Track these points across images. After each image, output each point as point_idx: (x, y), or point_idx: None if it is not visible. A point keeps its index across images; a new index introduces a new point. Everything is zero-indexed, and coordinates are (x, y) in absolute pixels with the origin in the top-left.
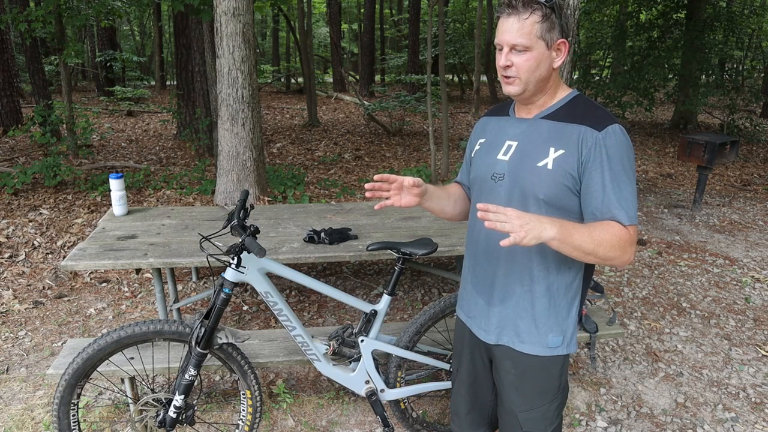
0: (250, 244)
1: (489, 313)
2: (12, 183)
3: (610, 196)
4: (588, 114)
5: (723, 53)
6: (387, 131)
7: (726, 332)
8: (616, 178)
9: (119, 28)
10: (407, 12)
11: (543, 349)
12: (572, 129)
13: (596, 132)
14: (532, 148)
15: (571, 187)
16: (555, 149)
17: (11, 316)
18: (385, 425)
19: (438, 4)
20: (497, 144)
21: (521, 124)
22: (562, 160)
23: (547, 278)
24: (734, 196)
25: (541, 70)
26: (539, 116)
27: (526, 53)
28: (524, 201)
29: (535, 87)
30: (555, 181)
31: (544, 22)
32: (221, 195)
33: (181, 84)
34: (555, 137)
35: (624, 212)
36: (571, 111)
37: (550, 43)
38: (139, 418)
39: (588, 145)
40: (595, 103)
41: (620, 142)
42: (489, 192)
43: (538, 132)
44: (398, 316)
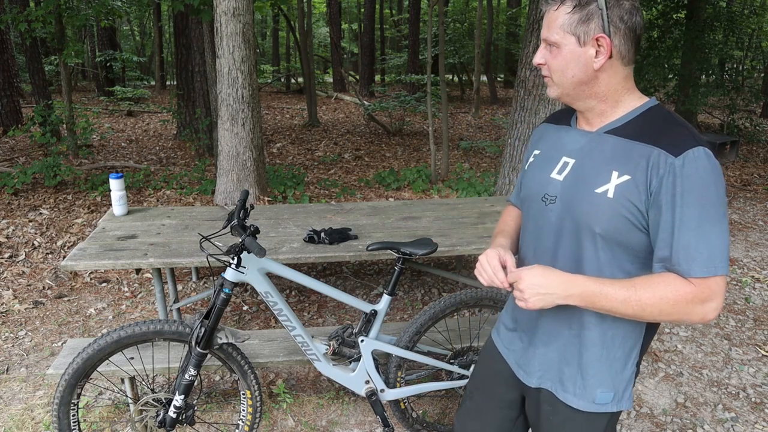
0: (250, 244)
1: (530, 354)
2: (12, 183)
3: (681, 241)
4: (664, 132)
5: (723, 53)
6: (387, 131)
7: (726, 332)
8: (696, 217)
9: (119, 28)
10: (407, 12)
11: (589, 404)
12: (642, 150)
13: (671, 157)
14: (590, 170)
15: (635, 222)
16: (619, 174)
17: (11, 316)
18: (385, 425)
19: (438, 4)
20: (553, 159)
21: (582, 138)
22: (626, 188)
23: (601, 325)
24: (734, 196)
25: (573, 70)
26: (603, 130)
27: (555, 49)
28: (577, 234)
29: (575, 92)
30: (615, 213)
31: (575, 13)
32: (221, 195)
33: (181, 84)
34: (620, 158)
35: (698, 261)
36: (643, 126)
37: (584, 39)
38: (139, 418)
39: (660, 172)
40: (677, 118)
41: (703, 170)
42: (538, 215)
43: (600, 150)
44: (398, 316)
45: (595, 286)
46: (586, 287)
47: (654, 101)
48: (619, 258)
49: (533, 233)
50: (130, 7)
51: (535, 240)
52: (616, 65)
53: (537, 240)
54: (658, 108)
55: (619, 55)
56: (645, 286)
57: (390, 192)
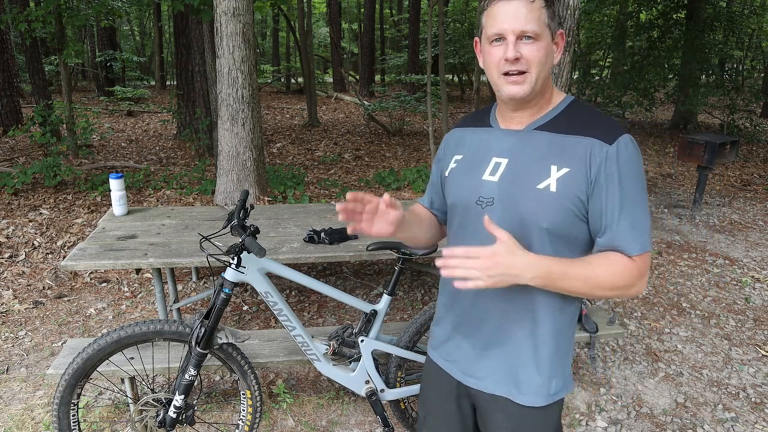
0: (250, 244)
1: (479, 358)
2: (12, 183)
3: (622, 223)
4: (594, 123)
5: (723, 53)
6: (387, 131)
7: (726, 332)
8: (631, 200)
9: (119, 28)
10: (407, 12)
11: (546, 398)
12: (577, 142)
13: (606, 145)
14: (528, 167)
15: (578, 213)
16: (558, 167)
17: (11, 316)
18: (385, 425)
19: (438, 4)
20: (481, 161)
21: (510, 138)
22: (568, 181)
23: (554, 319)
24: (734, 196)
25: (548, 65)
26: (532, 127)
27: (536, 42)
28: (525, 231)
29: (541, 87)
30: (560, 206)
31: (549, 8)
32: (221, 195)
33: (181, 84)
34: (556, 153)
35: (637, 240)
36: (571, 120)
37: (554, 34)
38: (139, 418)
39: (597, 161)
40: (597, 109)
41: (633, 156)
42: (475, 220)
43: (534, 146)
44: (398, 316)
45: (557, 267)
46: (550, 267)
47: (571, 96)
48: (562, 251)
49: (471, 239)
50: (130, 7)
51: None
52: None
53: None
54: (578, 102)
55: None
56: (600, 264)
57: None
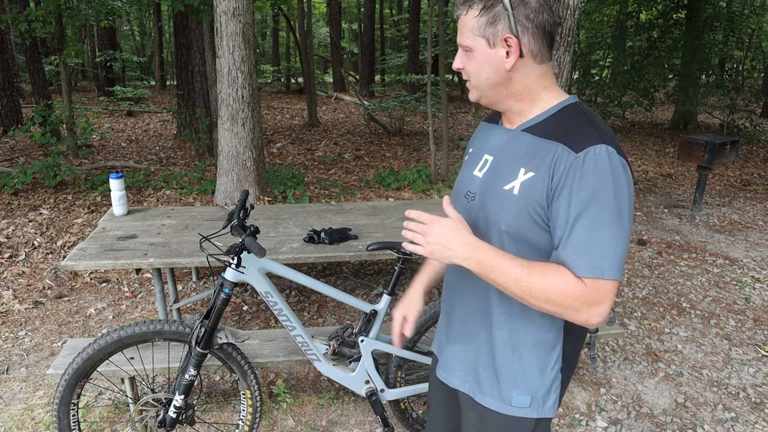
0: (250, 244)
1: (451, 351)
2: (12, 183)
3: (573, 238)
4: (571, 130)
5: (723, 53)
6: (387, 131)
7: (726, 332)
8: (589, 215)
9: (119, 28)
10: (407, 12)
11: (505, 406)
12: (548, 147)
13: (572, 153)
14: (503, 167)
15: (537, 219)
16: (525, 171)
17: (11, 316)
18: (385, 425)
19: (438, 4)
20: (477, 156)
21: (503, 136)
22: (530, 185)
23: (509, 324)
24: (734, 196)
25: (487, 73)
26: (520, 128)
27: (468, 53)
28: (487, 231)
29: (492, 93)
30: (519, 210)
31: (482, 16)
32: (221, 195)
33: (181, 84)
34: (529, 156)
35: (588, 261)
36: (555, 124)
37: (493, 41)
38: (139, 418)
39: (561, 169)
40: (590, 116)
41: (602, 168)
42: (463, 213)
43: (515, 147)
44: None
45: (494, 258)
46: (486, 255)
47: (572, 99)
48: (525, 255)
49: None
50: (130, 7)
51: None
52: (529, 64)
53: None
54: (573, 106)
55: (530, 54)
56: (539, 272)
57: (390, 192)
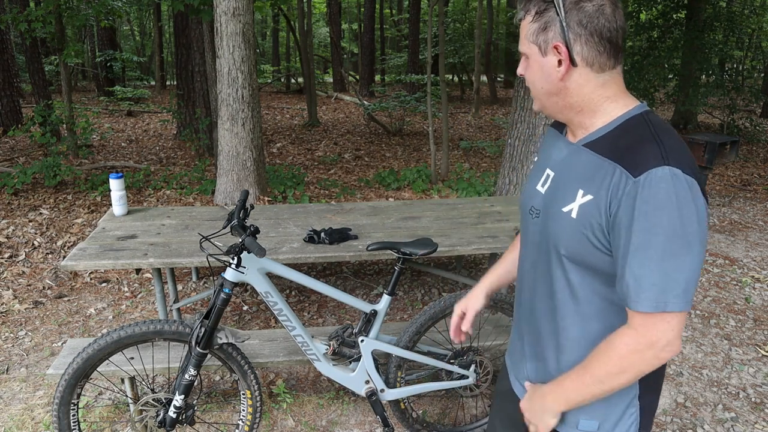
0: (250, 244)
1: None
2: (12, 183)
3: (635, 269)
4: (631, 148)
5: (723, 53)
6: (387, 131)
7: (726, 332)
8: (652, 245)
9: (119, 28)
10: (407, 12)
11: (571, 429)
12: (607, 168)
13: (631, 177)
14: (563, 186)
15: (598, 245)
16: (584, 193)
17: (11, 316)
18: (385, 425)
19: (438, 4)
20: (541, 169)
21: (565, 150)
22: (588, 209)
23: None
24: (734, 196)
25: (541, 82)
26: (581, 143)
27: (526, 61)
28: (548, 253)
29: (549, 103)
30: (578, 235)
31: (535, 22)
32: (221, 195)
33: (181, 84)
34: (588, 176)
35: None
36: (616, 140)
37: (545, 48)
38: (139, 418)
39: (618, 194)
40: (656, 129)
41: (665, 193)
42: (526, 228)
43: (575, 164)
44: (398, 316)
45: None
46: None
47: (639, 109)
48: (590, 280)
49: (524, 247)
50: (130, 7)
51: (525, 255)
52: (586, 73)
53: (526, 255)
54: (638, 118)
55: (585, 62)
56: (594, 360)
57: (390, 192)
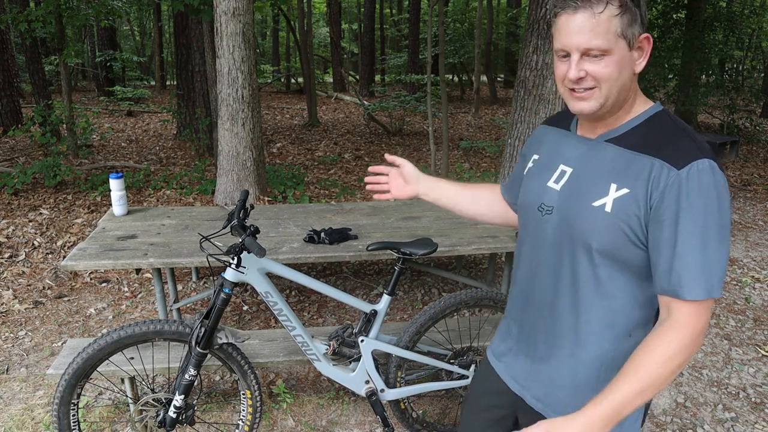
0: (250, 244)
1: (524, 364)
2: (12, 183)
3: (683, 260)
4: (668, 142)
5: (723, 53)
6: (387, 131)
7: (726, 332)
8: (700, 236)
9: (119, 28)
10: (407, 12)
11: None
12: (643, 162)
13: (674, 170)
14: (588, 181)
15: (634, 239)
16: (617, 187)
17: (11, 316)
18: (385, 425)
19: (438, 4)
20: (550, 166)
21: (581, 146)
22: (625, 203)
23: (599, 344)
24: (734, 196)
25: (623, 78)
26: (603, 138)
27: (604, 58)
28: (573, 249)
29: (615, 101)
30: (614, 228)
31: (623, 15)
32: (221, 195)
33: (181, 84)
34: (619, 170)
35: (700, 283)
36: (646, 135)
37: (633, 41)
38: (139, 418)
39: (661, 186)
40: (683, 126)
41: (707, 184)
42: (535, 226)
43: (599, 159)
44: (398, 316)
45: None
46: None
47: (658, 106)
48: (618, 275)
49: (531, 245)
50: (130, 7)
51: (534, 253)
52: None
53: (536, 253)
54: (663, 114)
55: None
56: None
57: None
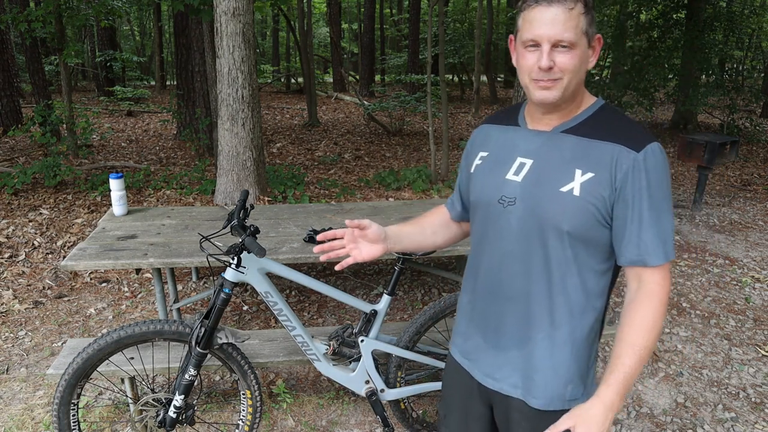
0: (250, 244)
1: (496, 357)
2: (12, 183)
3: (648, 232)
4: (622, 130)
5: (723, 53)
6: (387, 131)
7: (726, 332)
8: (657, 208)
9: (119, 28)
10: (407, 12)
11: (561, 402)
12: (604, 148)
13: (634, 152)
14: (552, 169)
15: (600, 219)
16: (582, 172)
17: (11, 316)
18: (385, 425)
19: (438, 4)
20: (505, 160)
21: (536, 138)
22: (591, 185)
23: (571, 322)
24: (734, 196)
25: (581, 71)
26: (559, 129)
27: (571, 51)
28: (542, 234)
29: (573, 92)
30: (582, 210)
31: (587, 14)
32: (221, 195)
33: (181, 84)
34: (581, 157)
35: (662, 250)
36: (599, 125)
37: (591, 40)
38: (139, 418)
39: (623, 168)
40: (625, 115)
41: (660, 164)
42: (496, 219)
43: (560, 149)
44: (398, 316)
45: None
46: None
47: (601, 100)
48: (585, 254)
49: (494, 238)
50: (130, 7)
51: (498, 245)
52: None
53: (500, 245)
54: (607, 107)
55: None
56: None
57: (390, 192)
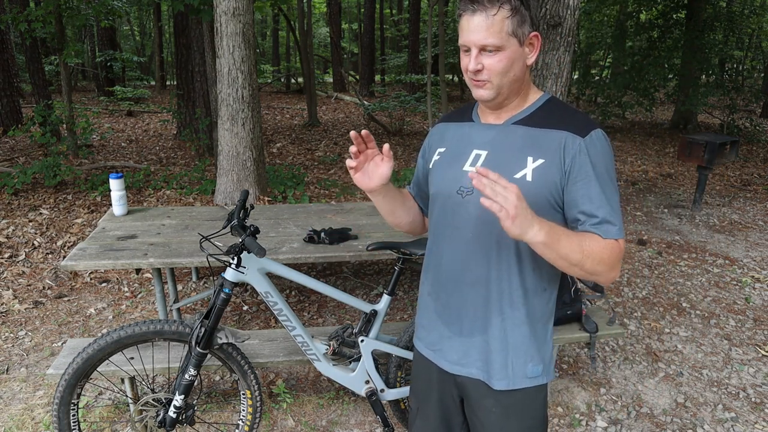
0: (250, 244)
1: (461, 344)
2: (12, 183)
3: (600, 211)
4: (568, 118)
5: (723, 53)
6: (387, 131)
7: (726, 332)
8: (604, 188)
9: (119, 28)
10: (407, 12)
11: (522, 380)
12: (552, 135)
13: (579, 138)
14: (506, 158)
15: (553, 202)
16: (534, 159)
17: (11, 316)
18: (385, 425)
19: (438, 4)
20: (462, 153)
21: (490, 131)
22: (543, 171)
23: (527, 303)
24: (734, 196)
25: (515, 70)
26: (510, 122)
27: (497, 54)
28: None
29: (509, 89)
30: (536, 195)
31: (514, 17)
32: (221, 195)
33: (181, 84)
34: (532, 145)
35: (616, 226)
36: (547, 116)
37: (523, 39)
38: (139, 418)
39: (571, 153)
40: (571, 106)
41: (604, 148)
42: (455, 208)
43: (512, 139)
44: (398, 316)
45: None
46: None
47: (548, 94)
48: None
49: (454, 228)
50: (130, 7)
51: (459, 234)
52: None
53: (460, 234)
54: (554, 99)
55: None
56: (587, 238)
57: None
